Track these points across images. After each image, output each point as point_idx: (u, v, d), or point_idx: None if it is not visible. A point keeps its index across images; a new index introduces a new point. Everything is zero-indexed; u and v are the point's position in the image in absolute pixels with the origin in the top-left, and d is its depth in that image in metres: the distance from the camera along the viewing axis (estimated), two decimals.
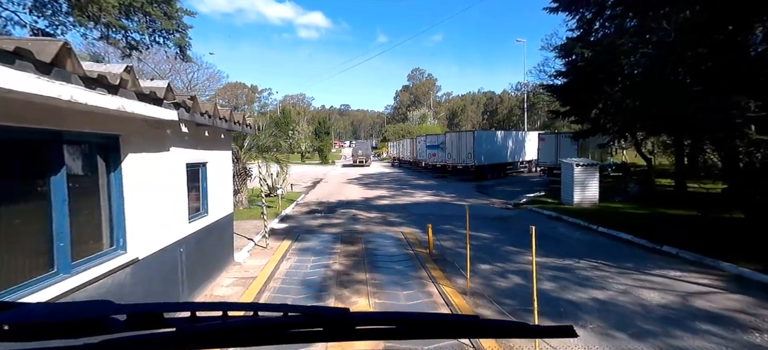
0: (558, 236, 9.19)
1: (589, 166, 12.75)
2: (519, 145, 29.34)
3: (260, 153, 12.20)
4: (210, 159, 5.92)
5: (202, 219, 5.65)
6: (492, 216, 11.86)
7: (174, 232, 4.62)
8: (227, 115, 5.94)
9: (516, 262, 7.05)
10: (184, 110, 4.42)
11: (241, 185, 12.38)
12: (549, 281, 5.99)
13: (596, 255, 7.38)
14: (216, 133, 6.12)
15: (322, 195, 18.02)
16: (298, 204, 14.95)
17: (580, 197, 12.69)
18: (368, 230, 10.02)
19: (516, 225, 10.54)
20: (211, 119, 5.25)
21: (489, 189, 19.90)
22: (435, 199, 16.34)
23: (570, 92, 14.56)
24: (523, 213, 12.50)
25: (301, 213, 12.94)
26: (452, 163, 26.17)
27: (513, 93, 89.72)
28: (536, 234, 4.38)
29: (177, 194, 4.74)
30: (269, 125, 13.11)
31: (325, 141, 53.21)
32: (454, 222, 10.96)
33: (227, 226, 6.75)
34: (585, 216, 10.88)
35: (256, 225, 10.39)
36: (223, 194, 6.58)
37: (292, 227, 10.55)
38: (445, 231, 9.60)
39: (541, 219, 11.44)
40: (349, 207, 13.94)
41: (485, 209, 13.58)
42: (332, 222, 11.26)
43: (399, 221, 11.26)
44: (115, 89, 3.16)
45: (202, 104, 5.30)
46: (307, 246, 8.40)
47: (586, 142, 20.84)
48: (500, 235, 9.31)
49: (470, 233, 9.71)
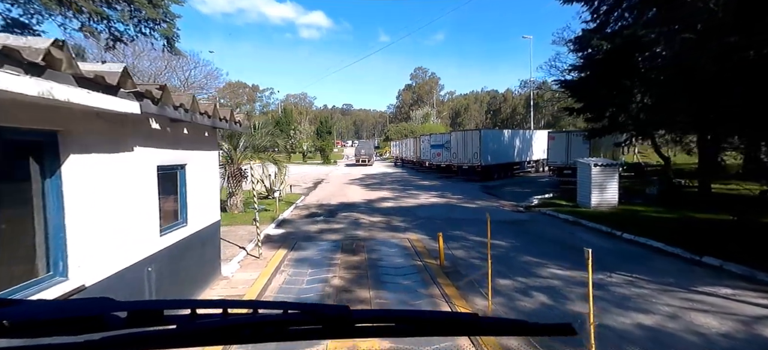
0: (580, 244, 8.33)
1: (607, 166, 11.91)
2: (526, 144, 28.47)
3: (256, 153, 11.43)
4: (190, 160, 5.14)
5: (180, 231, 4.87)
6: (504, 221, 11.05)
7: (139, 249, 3.84)
8: (210, 110, 5.16)
9: (539, 276, 6.24)
10: (149, 102, 3.64)
11: (236, 187, 11.62)
12: (582, 300, 5.17)
13: (629, 267, 6.56)
14: (197, 131, 5.34)
15: (323, 196, 17.26)
16: (297, 207, 14.18)
17: (598, 199, 11.85)
18: (371, 236, 9.23)
19: (532, 231, 9.72)
20: (188, 114, 4.47)
21: (497, 190, 19.07)
22: (441, 201, 15.53)
23: (585, 87, 13.70)
24: (538, 217, 11.67)
25: (299, 217, 12.17)
26: (458, 162, 25.34)
27: (516, 92, 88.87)
28: (554, 241, 3.54)
29: (143, 203, 3.96)
30: (266, 123, 12.34)
31: (327, 141, 52.48)
32: (464, 227, 10.16)
33: (213, 236, 5.98)
34: (606, 221, 10.05)
35: (251, 231, 9.62)
36: (208, 200, 5.81)
37: (289, 233, 9.78)
38: (455, 238, 8.80)
39: (558, 224, 10.60)
40: (350, 211, 13.17)
41: (496, 212, 12.76)
42: (332, 227, 10.48)
43: (404, 226, 10.46)
44: (39, 70, 2.39)
45: (177, 96, 4.54)
46: (305, 256, 7.62)
47: (598, 141, 19.97)
48: (516, 242, 8.50)
49: (481, 240, 8.96)
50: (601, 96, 12.69)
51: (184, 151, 4.96)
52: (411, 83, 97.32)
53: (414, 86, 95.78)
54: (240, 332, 0.69)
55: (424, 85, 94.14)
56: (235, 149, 11.26)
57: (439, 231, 9.51)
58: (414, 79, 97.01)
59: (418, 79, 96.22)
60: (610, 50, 11.86)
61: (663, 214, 10.77)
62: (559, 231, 9.65)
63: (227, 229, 9.64)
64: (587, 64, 13.57)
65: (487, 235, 8.91)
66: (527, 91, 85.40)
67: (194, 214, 5.26)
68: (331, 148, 53.48)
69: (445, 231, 9.65)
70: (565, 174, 20.32)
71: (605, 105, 13.13)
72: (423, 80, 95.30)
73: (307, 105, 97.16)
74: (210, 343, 0.69)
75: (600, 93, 12.73)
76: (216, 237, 6.16)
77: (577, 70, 14.43)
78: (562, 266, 6.62)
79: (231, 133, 11.08)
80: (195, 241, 5.27)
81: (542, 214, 12.11)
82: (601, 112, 13.65)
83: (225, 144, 11.02)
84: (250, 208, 12.78)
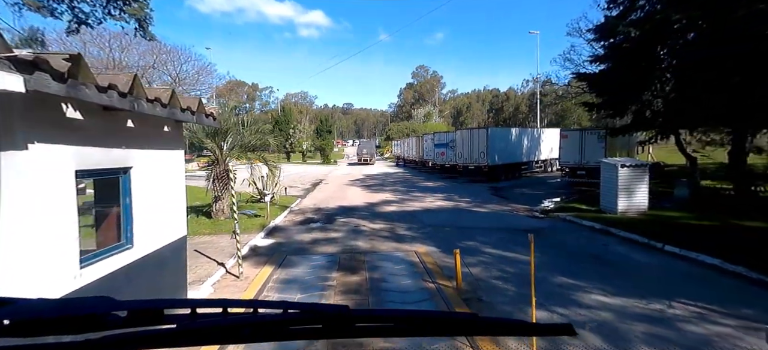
0: (617, 260, 7.15)
1: (636, 167, 10.69)
2: (534, 143, 27.23)
3: (244, 152, 10.23)
4: (139, 162, 3.95)
5: (121, 256, 3.68)
6: (522, 228, 9.84)
7: (34, 294, 2.65)
8: (164, 97, 3.96)
9: (582, 305, 5.04)
10: (48, 77, 2.44)
11: (223, 191, 10.44)
12: (648, 345, 3.98)
13: (688, 292, 5.34)
14: (150, 125, 4.15)
15: (321, 199, 16.07)
16: (291, 211, 13.00)
17: (626, 204, 10.63)
18: (373, 248, 8.04)
19: (556, 242, 8.52)
20: (128, 100, 3.28)
21: (506, 192, 17.88)
22: (448, 205, 14.33)
23: (607, 80, 12.44)
24: (559, 225, 10.46)
25: (293, 223, 10.98)
26: (463, 162, 24.11)
27: (519, 90, 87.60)
28: (587, 256, 2.36)
29: (47, 224, 2.78)
30: (256, 120, 11.15)
31: (327, 140, 51.34)
32: (478, 236, 8.96)
33: (176, 257, 4.79)
34: (639, 230, 8.83)
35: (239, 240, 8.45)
36: (169, 212, 4.63)
37: (279, 244, 8.59)
38: (470, 251, 7.60)
39: (584, 233, 9.39)
40: (350, 215, 11.98)
41: (510, 218, 11.56)
42: (329, 236, 9.29)
43: (410, 235, 9.27)
44: None
45: (113, 76, 3.36)
46: (294, 275, 6.44)
47: (613, 140, 18.78)
48: (542, 257, 7.28)
49: (500, 253, 7.76)
50: (627, 88, 11.44)
51: (127, 150, 3.77)
52: (412, 82, 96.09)
53: (415, 85, 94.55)
54: (240, 331, 0.69)
55: (425, 83, 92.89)
56: (221, 148, 10.07)
57: (451, 242, 8.35)
58: (415, 78, 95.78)
59: (419, 78, 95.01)
60: (638, 38, 10.62)
61: (702, 221, 9.55)
62: (588, 243, 8.44)
63: (208, 240, 8.47)
64: (610, 54, 12.32)
65: (507, 249, 7.73)
66: (530, 89, 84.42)
67: (145, 232, 4.07)
68: (331, 148, 52.32)
69: (456, 241, 8.49)
70: (579, 175, 19.14)
71: (631, 99, 11.88)
72: (424, 78, 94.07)
73: (308, 104, 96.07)
74: (210, 342, 0.70)
75: (625, 86, 11.49)
76: (181, 256, 4.97)
77: (599, 61, 13.17)
78: (606, 291, 5.42)
79: (215, 130, 9.90)
80: (146, 266, 4.08)
81: (563, 221, 10.89)
82: (623, 107, 12.41)
83: (209, 142, 9.84)
84: (241, 213, 11.64)
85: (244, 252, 7.76)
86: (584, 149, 18.90)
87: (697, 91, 10.30)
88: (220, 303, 0.70)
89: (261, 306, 0.72)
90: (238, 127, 10.15)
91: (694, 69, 10.23)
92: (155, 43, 19.14)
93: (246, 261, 7.24)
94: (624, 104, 12.34)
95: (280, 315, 0.70)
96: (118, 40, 19.56)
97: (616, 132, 13.51)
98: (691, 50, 10.24)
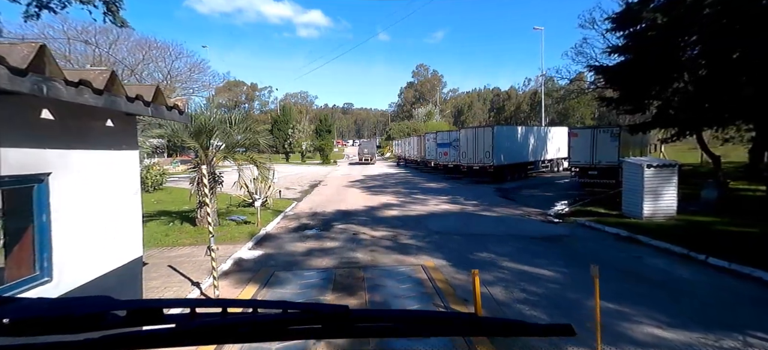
0: (659, 276, 6.16)
1: (664, 168, 9.69)
2: (540, 142, 26.22)
3: (229, 153, 9.25)
4: (62, 166, 2.98)
5: (33, 293, 2.71)
6: (538, 236, 8.87)
7: None
8: (99, 81, 2.98)
9: (633, 340, 4.05)
10: None
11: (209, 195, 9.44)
12: None
13: (763, 322, 4.36)
14: (81, 117, 3.18)
15: (318, 202, 15.10)
16: (286, 216, 12.04)
17: (652, 208, 9.65)
18: (374, 262, 7.07)
19: (581, 252, 7.54)
20: (33, 81, 2.31)
21: (514, 194, 16.90)
22: (454, 208, 13.35)
23: (628, 73, 11.41)
24: (579, 231, 9.47)
25: (286, 230, 10.01)
26: (467, 162, 23.13)
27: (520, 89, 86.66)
28: (622, 272, 1.73)
29: None
30: (244, 118, 10.17)
31: (326, 139, 50.32)
32: (492, 246, 7.98)
33: (125, 285, 3.80)
34: (673, 238, 7.85)
35: (223, 251, 7.48)
36: (114, 230, 3.65)
37: (268, 256, 7.61)
38: (485, 265, 6.63)
39: (610, 242, 8.40)
40: (349, 221, 11.01)
41: (523, 224, 10.57)
42: (325, 245, 8.32)
43: (415, 244, 8.29)
44: None
45: (10, 45, 2.39)
46: (281, 296, 5.46)
47: (628, 138, 17.79)
48: (565, 270, 6.31)
49: (521, 268, 6.76)
50: (650, 81, 10.42)
51: (41, 150, 2.80)
52: (413, 81, 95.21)
53: (416, 84, 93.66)
54: (239, 331, 0.69)
55: (426, 82, 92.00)
56: (206, 149, 9.10)
57: (462, 254, 7.37)
58: (416, 77, 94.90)
59: (420, 77, 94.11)
60: (665, 25, 9.61)
61: (740, 228, 8.56)
62: (618, 254, 7.45)
63: (188, 252, 7.49)
64: (631, 44, 11.29)
65: (528, 262, 6.74)
66: (532, 88, 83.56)
67: (74, 258, 3.10)
68: (330, 148, 51.30)
69: (467, 252, 7.51)
70: (590, 175, 18.12)
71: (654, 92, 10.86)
72: (425, 77, 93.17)
73: (308, 104, 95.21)
74: (209, 342, 0.70)
75: (648, 78, 10.48)
76: (134, 284, 3.99)
77: (618, 52, 12.15)
78: (658, 320, 4.43)
79: (199, 128, 8.92)
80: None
81: (583, 227, 9.90)
82: (645, 102, 11.40)
83: (191, 142, 8.86)
84: (229, 220, 10.67)
85: (226, 267, 6.80)
86: (596, 148, 17.88)
87: (728, 83, 9.34)
88: (220, 303, 0.71)
89: (260, 306, 0.72)
90: (225, 125, 9.16)
91: (724, 59, 9.27)
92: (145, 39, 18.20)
93: (227, 277, 6.28)
94: (646, 98, 11.33)
95: (279, 315, 0.70)
96: (105, 34, 18.69)
97: (635, 129, 12.51)
98: (722, 39, 9.24)
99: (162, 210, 12.18)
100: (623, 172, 10.59)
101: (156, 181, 17.96)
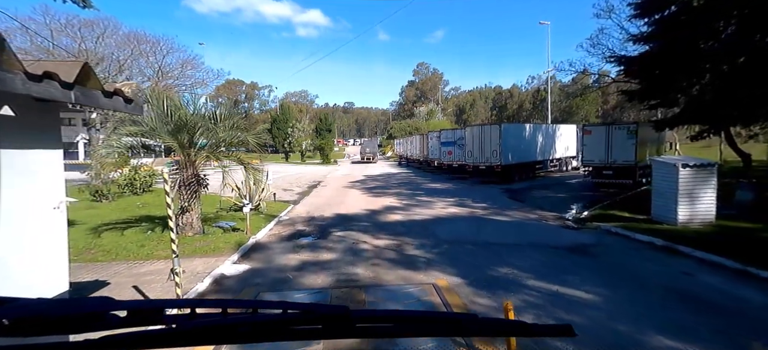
0: (722, 300, 5.11)
1: (701, 168, 8.65)
2: (549, 140, 25.15)
3: (213, 152, 8.23)
4: None
5: None
6: (561, 246, 7.86)
7: None
8: None
9: None
10: None
11: (191, 200, 8.46)
12: None
13: None
14: None
15: (317, 205, 14.11)
16: (280, 222, 11.05)
17: (689, 213, 8.62)
18: (376, 279, 6.06)
19: (616, 266, 6.52)
20: None
21: (523, 196, 15.87)
22: (462, 212, 12.34)
23: (654, 64, 10.35)
24: (605, 239, 8.44)
25: (278, 238, 9.01)
26: (473, 162, 22.09)
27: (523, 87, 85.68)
28: (673, 293, 1.24)
29: None
30: (231, 113, 9.15)
31: (326, 139, 49.30)
32: (510, 257, 6.96)
33: None
34: (720, 249, 6.81)
35: (199, 267, 6.49)
36: (16, 261, 2.64)
37: (255, 272, 6.61)
38: (507, 284, 5.63)
39: (646, 253, 7.36)
40: (348, 227, 10.01)
41: (541, 230, 9.55)
42: (321, 258, 7.32)
43: (423, 256, 7.28)
44: None
45: None
46: None
47: (645, 135, 16.75)
48: (604, 292, 5.29)
49: (549, 287, 5.70)
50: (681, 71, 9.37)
51: None
52: (414, 79, 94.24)
53: (417, 82, 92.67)
54: (239, 331, 0.69)
55: (427, 81, 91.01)
56: (186, 148, 8.09)
57: (478, 267, 6.32)
58: (417, 75, 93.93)
59: (420, 75, 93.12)
60: (701, 7, 8.57)
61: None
62: (661, 268, 6.42)
63: (162, 268, 6.48)
64: (658, 31, 10.22)
65: (556, 279, 5.75)
66: (535, 86, 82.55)
67: None
68: (331, 147, 50.30)
69: (485, 266, 6.49)
70: (605, 175, 17.11)
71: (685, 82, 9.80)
72: (426, 76, 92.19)
73: (308, 103, 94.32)
74: (209, 342, 0.70)
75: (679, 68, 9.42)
76: None
77: (643, 41, 11.09)
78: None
79: (179, 126, 7.91)
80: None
81: (609, 234, 8.88)
82: (674, 94, 10.34)
83: (169, 140, 7.85)
84: (216, 227, 9.68)
85: (203, 287, 5.81)
86: (611, 146, 16.84)
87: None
88: (220, 304, 0.71)
89: (260, 306, 0.73)
90: (209, 121, 8.16)
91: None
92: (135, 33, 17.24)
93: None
94: (674, 92, 10.28)
95: (279, 315, 0.70)
96: (90, 27, 17.66)
97: (662, 124, 11.49)
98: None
99: (145, 215, 11.20)
100: (653, 172, 9.56)
101: (145, 183, 17.03)
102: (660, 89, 10.78)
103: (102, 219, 10.69)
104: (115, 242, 8.17)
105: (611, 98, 68.41)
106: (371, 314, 0.80)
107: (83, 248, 7.76)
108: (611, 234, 8.81)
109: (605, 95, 67.86)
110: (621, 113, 63.29)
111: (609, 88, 63.86)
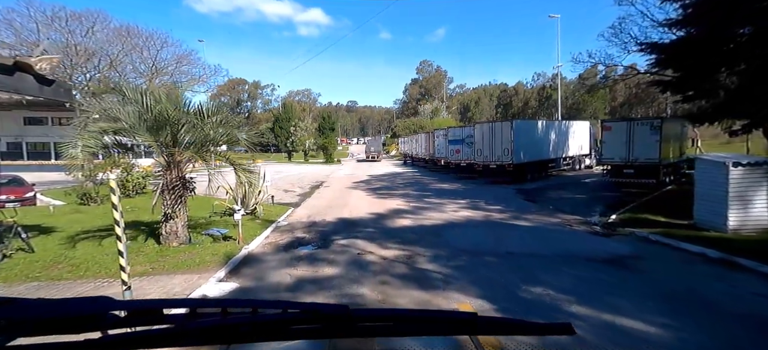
0: None
1: (754, 167, 7.57)
2: (562, 137, 24.01)
3: (198, 152, 7.26)
4: None
5: None
6: (596, 258, 6.83)
7: None
8: None
9: None
10: None
11: (176, 206, 7.50)
12: None
13: None
14: None
15: (318, 209, 13.14)
16: (278, 228, 10.09)
17: (741, 218, 7.55)
18: (385, 303, 5.07)
19: (666, 284, 5.48)
20: None
21: (539, 197, 14.83)
22: (477, 216, 11.32)
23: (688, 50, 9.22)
24: (645, 249, 7.39)
25: (274, 249, 8.04)
26: (483, 161, 21.05)
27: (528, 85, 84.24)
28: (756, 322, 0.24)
29: None
30: (220, 107, 8.19)
31: (329, 137, 48.32)
32: (541, 273, 5.93)
33: None
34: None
35: (183, 286, 5.54)
36: None
37: (243, 293, 5.63)
38: (544, 308, 4.62)
39: (700, 268, 6.31)
40: (352, 234, 9.04)
41: (568, 238, 8.52)
42: (321, 273, 6.34)
43: (439, 271, 6.27)
44: None
45: None
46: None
47: (669, 132, 15.63)
48: (667, 321, 4.26)
49: (597, 316, 4.50)
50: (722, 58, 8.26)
51: None
52: (417, 77, 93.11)
53: (421, 80, 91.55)
54: (239, 330, 0.68)
55: (431, 78, 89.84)
56: (169, 147, 7.14)
57: (506, 287, 5.21)
58: (420, 73, 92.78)
59: (424, 73, 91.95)
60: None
61: None
62: (727, 288, 5.36)
63: (136, 286, 5.52)
64: (694, 13, 9.08)
65: (602, 303, 4.71)
66: (540, 83, 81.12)
67: None
68: (334, 146, 49.37)
69: (513, 285, 5.44)
70: (625, 174, 15.99)
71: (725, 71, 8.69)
72: (430, 74, 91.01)
73: (311, 102, 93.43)
74: (209, 342, 0.69)
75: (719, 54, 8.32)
76: None
77: (677, 26, 9.96)
78: None
79: (160, 123, 6.94)
80: None
81: (647, 242, 7.83)
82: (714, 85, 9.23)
83: (147, 138, 6.89)
84: (206, 235, 8.73)
85: None
86: (633, 143, 15.73)
87: None
88: (220, 303, 0.71)
89: (261, 306, 0.71)
90: (194, 117, 7.19)
91: None
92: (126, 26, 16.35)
93: None
94: (716, 80, 9.17)
95: (279, 314, 0.69)
96: (78, 20, 16.74)
97: (698, 118, 10.36)
98: None
99: (133, 221, 10.27)
100: (696, 171, 8.49)
101: (138, 185, 16.18)
102: (696, 78, 9.65)
103: (83, 226, 9.77)
104: (89, 254, 7.23)
105: (619, 95, 66.96)
106: (372, 313, 0.82)
107: (51, 262, 6.83)
108: (650, 243, 7.76)
109: (613, 92, 66.39)
110: (629, 110, 61.83)
111: (617, 85, 61.87)
